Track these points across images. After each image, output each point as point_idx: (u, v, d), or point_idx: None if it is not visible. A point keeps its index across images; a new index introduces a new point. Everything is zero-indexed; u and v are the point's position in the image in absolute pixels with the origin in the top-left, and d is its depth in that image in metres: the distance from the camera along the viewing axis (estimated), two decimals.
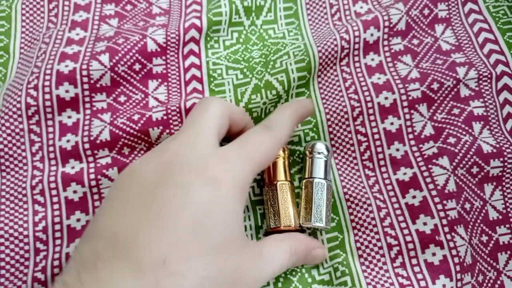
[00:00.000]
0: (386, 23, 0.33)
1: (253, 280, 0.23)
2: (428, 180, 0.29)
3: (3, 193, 0.29)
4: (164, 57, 0.33)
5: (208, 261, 0.20)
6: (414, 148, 0.30)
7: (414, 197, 0.29)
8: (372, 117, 0.31)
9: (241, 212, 0.23)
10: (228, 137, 0.30)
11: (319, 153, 0.30)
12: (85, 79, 0.31)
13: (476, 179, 0.30)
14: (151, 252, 0.19)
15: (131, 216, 0.21)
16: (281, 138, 0.26)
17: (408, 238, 0.28)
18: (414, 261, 0.28)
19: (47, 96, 0.30)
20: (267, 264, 0.24)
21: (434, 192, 0.29)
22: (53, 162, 0.30)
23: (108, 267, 0.19)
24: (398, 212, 0.29)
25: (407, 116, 0.31)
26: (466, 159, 0.30)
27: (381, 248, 0.29)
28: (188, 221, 0.20)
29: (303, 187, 0.29)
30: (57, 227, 0.29)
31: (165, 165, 0.22)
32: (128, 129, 0.30)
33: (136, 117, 0.31)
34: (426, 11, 0.34)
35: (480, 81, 0.32)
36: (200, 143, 0.23)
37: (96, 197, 0.30)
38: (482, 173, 0.30)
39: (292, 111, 0.28)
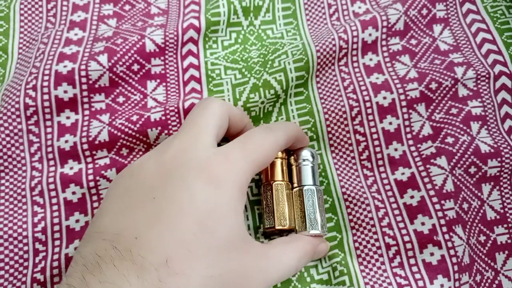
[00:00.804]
0: (385, 23, 0.33)
1: (258, 282, 0.22)
2: (426, 180, 0.29)
3: (2, 194, 0.29)
4: (162, 58, 0.33)
5: (211, 260, 0.20)
6: (413, 148, 0.30)
7: (412, 197, 0.29)
8: (370, 117, 0.31)
9: (242, 212, 0.23)
10: (226, 138, 0.30)
11: (304, 160, 0.29)
12: (84, 80, 0.31)
13: (474, 179, 0.30)
14: (154, 252, 0.19)
15: (132, 216, 0.21)
16: (281, 140, 0.26)
17: (406, 238, 0.28)
18: (412, 261, 0.28)
19: (46, 97, 0.30)
20: (274, 266, 0.23)
21: (432, 192, 0.29)
22: (51, 162, 0.30)
23: (112, 268, 0.19)
24: (396, 212, 0.29)
25: (406, 116, 0.31)
26: (464, 159, 0.30)
27: (379, 248, 0.29)
28: (190, 220, 0.20)
29: (294, 196, 0.29)
30: (56, 228, 0.29)
31: (166, 165, 0.22)
32: (126, 129, 0.30)
33: (134, 117, 0.31)
34: (424, 11, 0.34)
35: (478, 81, 0.32)
36: (201, 142, 0.23)
37: (94, 198, 0.30)
38: (480, 173, 0.30)
39: (294, 126, 0.29)
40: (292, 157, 0.30)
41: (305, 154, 0.30)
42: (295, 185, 0.29)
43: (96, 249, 0.20)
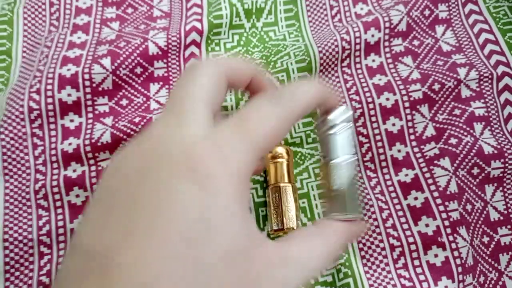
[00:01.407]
0: (387, 24, 0.33)
1: None
2: (430, 181, 0.29)
3: (7, 197, 0.29)
4: (165, 60, 0.33)
5: (205, 279, 0.16)
6: (416, 149, 0.30)
7: (416, 198, 0.29)
8: (373, 118, 0.31)
9: (242, 211, 0.17)
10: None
11: (332, 126, 0.21)
12: (87, 83, 0.31)
13: (477, 180, 0.30)
14: (136, 274, 0.16)
15: (111, 228, 0.17)
16: (293, 113, 0.19)
17: (411, 239, 0.28)
18: (416, 262, 0.28)
19: (50, 100, 0.30)
20: (291, 268, 0.18)
21: (435, 194, 0.29)
22: (55, 165, 0.30)
23: (91, 286, 0.16)
24: (400, 213, 0.29)
25: (409, 117, 0.31)
26: (467, 160, 0.30)
27: (383, 249, 0.29)
28: (175, 232, 0.16)
29: (321, 169, 0.22)
30: (61, 231, 0.29)
31: (144, 158, 0.18)
32: (129, 131, 0.30)
33: (137, 119, 0.31)
34: (426, 12, 0.34)
35: (481, 82, 0.32)
36: (185, 126, 0.18)
37: None
38: (483, 174, 0.30)
39: (313, 87, 0.21)
40: (317, 122, 0.23)
41: (334, 118, 0.21)
42: (322, 155, 0.22)
43: (76, 265, 0.17)
